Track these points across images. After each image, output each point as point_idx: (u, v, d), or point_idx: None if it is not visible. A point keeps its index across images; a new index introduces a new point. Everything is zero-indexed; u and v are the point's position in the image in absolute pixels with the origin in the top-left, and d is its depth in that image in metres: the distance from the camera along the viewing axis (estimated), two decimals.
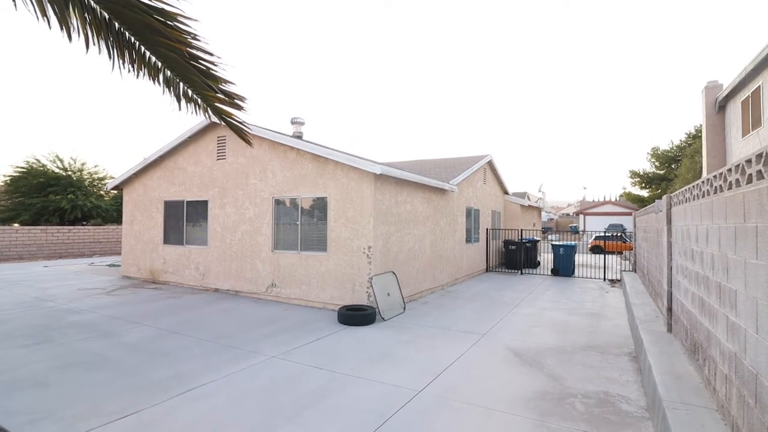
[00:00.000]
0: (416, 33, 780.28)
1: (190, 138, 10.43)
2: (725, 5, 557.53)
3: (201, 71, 2.32)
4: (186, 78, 2.37)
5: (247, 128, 2.99)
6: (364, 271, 7.81)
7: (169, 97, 2.51)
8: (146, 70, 2.34)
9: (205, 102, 2.57)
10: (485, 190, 14.96)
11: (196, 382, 4.48)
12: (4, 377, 4.56)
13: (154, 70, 2.37)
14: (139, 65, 2.31)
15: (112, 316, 7.37)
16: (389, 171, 7.96)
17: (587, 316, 7.83)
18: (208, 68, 2.32)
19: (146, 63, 2.32)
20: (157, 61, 2.34)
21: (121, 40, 2.16)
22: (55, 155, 23.08)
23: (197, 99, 2.58)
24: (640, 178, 37.05)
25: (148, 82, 2.44)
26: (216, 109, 2.57)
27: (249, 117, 2.91)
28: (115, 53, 2.19)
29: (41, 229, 18.24)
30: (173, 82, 2.46)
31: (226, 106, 2.53)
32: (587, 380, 4.64)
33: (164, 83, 2.45)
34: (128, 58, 2.25)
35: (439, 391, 4.30)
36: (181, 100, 2.56)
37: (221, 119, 2.77)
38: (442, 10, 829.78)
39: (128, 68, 2.30)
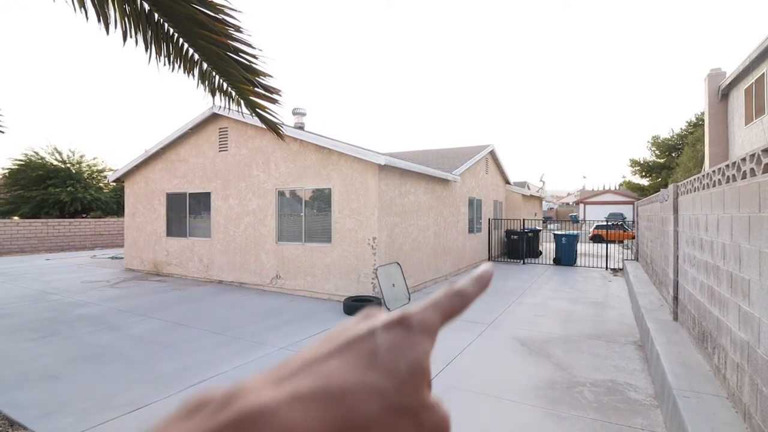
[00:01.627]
0: (418, 24, 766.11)
1: (191, 130, 10.36)
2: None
3: (242, 64, 2.26)
4: (224, 71, 2.32)
5: (281, 122, 2.90)
6: (368, 262, 7.82)
7: (203, 91, 2.46)
8: (182, 63, 2.28)
9: (240, 95, 2.51)
10: (487, 180, 14.92)
11: (205, 374, 4.50)
12: (14, 370, 4.58)
13: (190, 64, 2.32)
14: (175, 58, 2.25)
15: (117, 308, 7.39)
16: (393, 162, 7.93)
17: (591, 305, 7.87)
18: (250, 62, 2.26)
19: (183, 56, 2.27)
20: (195, 53, 2.28)
21: (159, 33, 2.10)
22: (54, 147, 22.95)
23: (232, 92, 2.52)
24: (641, 166, 36.96)
25: (179, 75, 2.38)
26: (251, 102, 2.52)
27: (280, 110, 2.83)
28: (153, 46, 2.13)
29: (42, 222, 18.20)
30: (209, 75, 2.41)
31: (261, 100, 2.47)
32: (595, 369, 4.67)
33: (199, 77, 2.40)
34: (164, 51, 2.20)
35: (449, 380, 4.33)
36: (216, 94, 2.51)
37: (254, 112, 2.70)
38: (443, 2, 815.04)
39: (164, 61, 2.25)
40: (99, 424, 3.46)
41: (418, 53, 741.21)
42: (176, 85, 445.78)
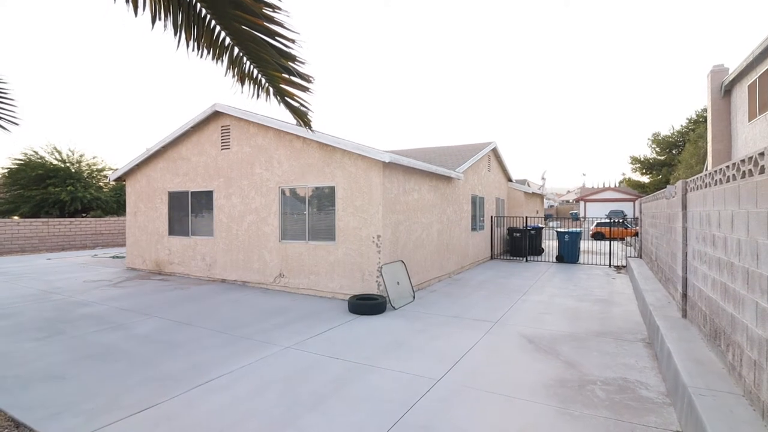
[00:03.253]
0: (419, 22, 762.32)
1: (193, 128, 10.29)
2: None
3: (277, 49, 2.17)
4: (256, 56, 2.23)
5: (311, 111, 2.75)
6: (373, 260, 7.78)
7: (231, 78, 2.38)
8: (212, 48, 2.20)
9: (270, 83, 2.43)
10: (489, 178, 14.88)
11: (213, 373, 4.46)
12: (20, 371, 4.54)
13: (221, 49, 2.23)
14: (205, 42, 2.17)
15: (121, 307, 7.34)
16: (398, 159, 7.88)
17: (597, 302, 7.83)
18: (287, 46, 2.17)
19: (213, 40, 2.19)
20: (227, 37, 2.19)
21: (190, 14, 2.03)
22: (53, 147, 22.86)
23: (261, 79, 2.44)
24: (641, 163, 36.96)
25: (206, 61, 2.27)
26: (280, 90, 2.44)
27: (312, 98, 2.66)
28: (183, 31, 2.05)
29: (43, 222, 18.14)
30: (238, 61, 2.32)
31: (292, 87, 2.39)
32: (604, 367, 4.64)
33: (228, 63, 2.31)
34: (195, 35, 2.12)
35: (459, 379, 4.29)
36: (245, 82, 2.43)
37: (282, 101, 2.58)
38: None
39: (193, 46, 2.16)
40: (108, 424, 3.42)
41: (419, 51, 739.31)
42: (178, 84, 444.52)
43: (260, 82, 2.48)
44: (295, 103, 2.55)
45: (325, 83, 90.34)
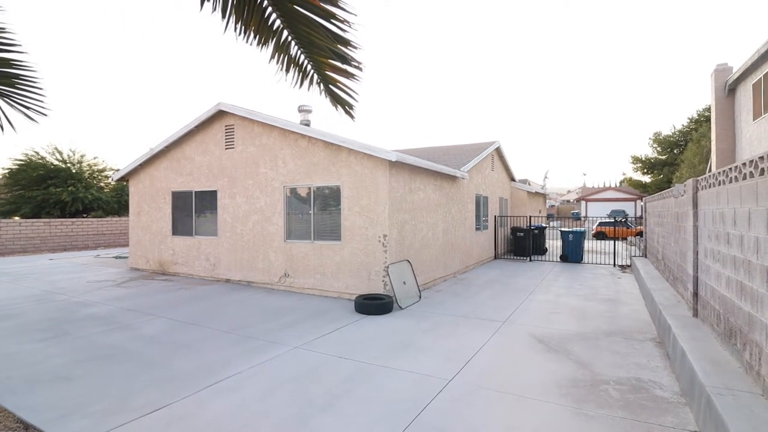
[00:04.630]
0: (421, 21, 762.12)
1: (197, 127, 10.26)
2: None
3: (331, 32, 2.10)
4: (307, 41, 2.15)
5: (356, 101, 2.59)
6: (379, 259, 7.74)
7: (276, 64, 2.31)
8: (260, 32, 2.13)
9: (316, 70, 2.35)
10: (493, 177, 14.84)
11: (222, 374, 4.42)
12: (26, 372, 4.50)
13: (268, 33, 2.16)
14: (254, 26, 2.09)
15: (126, 308, 7.30)
16: (404, 158, 7.84)
17: (604, 301, 7.79)
18: (343, 29, 2.10)
19: (262, 23, 2.12)
20: (278, 20, 2.12)
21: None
22: (54, 147, 22.83)
23: (306, 66, 2.37)
24: (642, 163, 36.92)
25: (251, 47, 2.17)
26: (325, 77, 2.36)
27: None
28: (233, 13, 1.98)
29: (44, 222, 18.10)
30: (285, 46, 2.25)
31: (338, 75, 2.31)
32: (616, 366, 4.60)
33: (275, 48, 2.24)
34: (244, 18, 2.05)
35: (470, 379, 4.25)
36: (290, 69, 2.36)
37: (326, 89, 2.45)
38: None
39: (240, 30, 2.10)
40: (118, 426, 3.37)
41: (421, 51, 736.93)
42: (181, 83, 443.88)
43: (305, 70, 2.40)
44: (338, 91, 2.46)
45: None
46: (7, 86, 2.21)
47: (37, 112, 2.33)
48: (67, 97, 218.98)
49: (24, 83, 2.24)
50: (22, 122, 2.41)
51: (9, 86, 2.22)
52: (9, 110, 2.34)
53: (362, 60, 2.28)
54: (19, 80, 2.21)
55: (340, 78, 2.39)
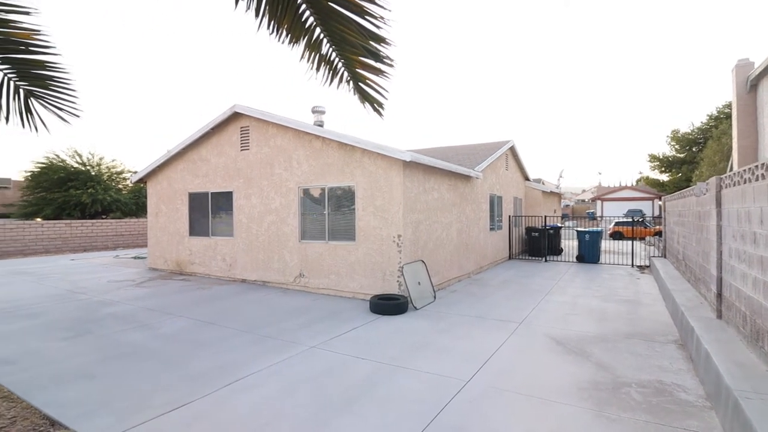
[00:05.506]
0: (432, 20, 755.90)
1: (213, 129, 10.39)
2: None
3: (364, 29, 2.10)
4: (339, 38, 2.15)
5: (386, 99, 2.57)
6: (394, 259, 7.73)
7: (306, 63, 2.32)
8: (292, 30, 2.14)
9: (347, 67, 2.36)
10: (507, 177, 14.72)
11: (241, 372, 4.46)
12: (51, 369, 4.60)
13: (300, 30, 2.17)
14: (287, 24, 2.10)
15: (145, 307, 7.43)
16: (418, 158, 7.83)
17: (623, 302, 7.66)
18: (376, 26, 2.11)
19: (295, 21, 2.13)
20: (311, 17, 2.12)
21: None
22: (74, 150, 23.37)
23: (337, 64, 2.38)
24: (660, 161, 36.19)
25: (283, 46, 2.18)
26: (356, 75, 2.37)
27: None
28: (266, 11, 2.00)
29: (66, 223, 18.53)
30: (317, 44, 2.26)
31: (368, 72, 2.31)
32: (638, 369, 4.52)
33: (306, 46, 2.25)
34: (277, 16, 2.07)
35: (488, 380, 4.22)
36: (320, 67, 2.37)
37: (356, 87, 2.43)
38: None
39: (273, 28, 2.12)
40: (141, 423, 3.43)
41: (433, 51, 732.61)
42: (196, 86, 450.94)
43: (335, 68, 2.40)
44: (368, 89, 2.46)
45: None
46: (42, 88, 2.27)
47: (69, 113, 2.39)
48: (85, 99, 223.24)
49: (57, 85, 2.29)
50: (52, 124, 2.47)
51: (43, 88, 2.28)
52: (42, 111, 2.41)
53: (394, 57, 2.27)
54: (53, 82, 2.27)
55: (369, 75, 2.38)
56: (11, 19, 1.97)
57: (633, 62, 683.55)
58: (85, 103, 2.35)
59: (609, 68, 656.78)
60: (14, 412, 3.63)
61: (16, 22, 2.00)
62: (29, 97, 2.34)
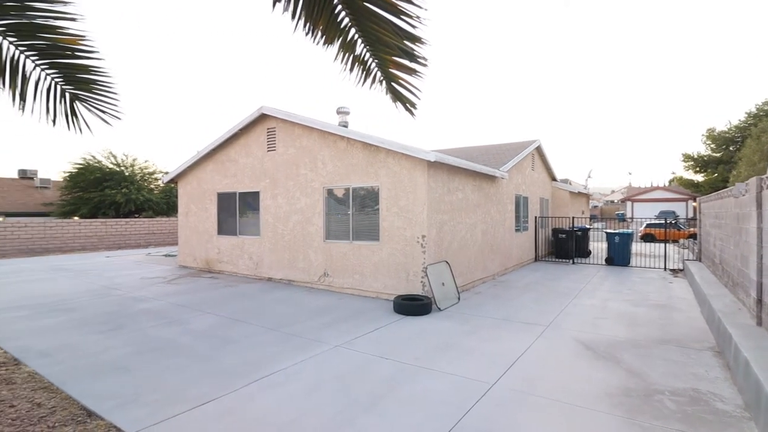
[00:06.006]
0: (456, 17, 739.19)
1: (241, 130, 10.63)
2: None
3: (399, 29, 2.12)
4: (374, 38, 2.19)
5: (419, 98, 2.59)
6: (418, 260, 7.72)
7: (340, 63, 2.37)
8: (327, 31, 2.19)
9: (380, 67, 2.39)
10: (534, 177, 14.47)
11: (268, 369, 4.55)
12: (89, 362, 4.81)
13: (335, 31, 2.22)
14: (322, 25, 2.15)
15: (176, 303, 7.66)
16: (443, 158, 7.79)
17: (655, 307, 7.41)
18: (412, 25, 2.13)
19: (330, 22, 2.17)
20: (345, 18, 2.16)
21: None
22: (109, 152, 24.34)
23: (370, 64, 2.41)
24: (694, 161, 34.80)
25: (317, 46, 2.24)
26: (388, 75, 2.40)
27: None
28: (302, 13, 2.05)
29: (101, 222, 19.31)
30: (351, 45, 2.31)
31: (401, 72, 2.34)
32: (672, 376, 4.36)
33: (340, 47, 2.30)
34: (313, 17, 2.12)
35: (514, 384, 4.16)
36: (354, 67, 2.41)
37: (388, 86, 2.45)
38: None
39: (309, 29, 2.17)
40: (173, 416, 3.54)
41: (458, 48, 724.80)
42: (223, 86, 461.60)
43: (368, 68, 2.43)
44: (400, 88, 2.47)
45: None
46: (85, 91, 2.39)
47: (111, 115, 2.50)
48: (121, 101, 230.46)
49: (100, 88, 2.41)
50: (93, 125, 2.59)
51: (87, 91, 2.40)
52: (86, 113, 2.53)
53: (427, 56, 2.27)
54: (96, 85, 2.39)
55: (402, 75, 2.39)
56: (59, 25, 2.08)
57: (666, 58, 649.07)
58: (122, 105, 2.42)
59: (641, 65, 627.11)
60: (54, 402, 3.81)
61: (63, 29, 2.11)
62: (74, 100, 2.46)
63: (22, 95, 2.27)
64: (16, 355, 5.00)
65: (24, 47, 2.15)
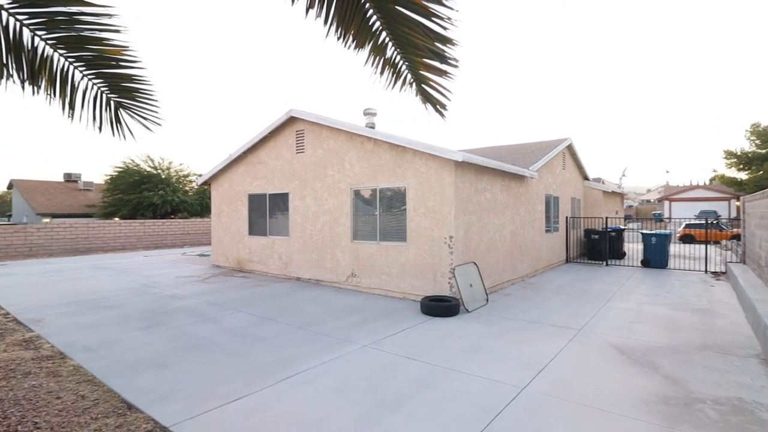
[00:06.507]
0: (483, 13, 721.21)
1: (270, 133, 10.87)
2: None
3: (431, 31, 2.16)
4: (405, 41, 2.22)
5: (449, 100, 2.62)
6: (445, 261, 7.67)
7: (371, 66, 2.42)
8: (358, 35, 2.24)
9: (410, 69, 2.43)
10: (564, 176, 14.11)
11: (297, 367, 4.63)
12: (129, 357, 5.03)
13: (365, 35, 2.25)
14: (353, 30, 2.20)
15: (210, 302, 7.91)
16: (471, 158, 7.72)
17: (696, 312, 7.09)
18: (443, 27, 2.16)
19: (361, 26, 2.21)
20: (377, 21, 2.22)
21: None
22: (147, 155, 25.39)
23: (401, 67, 2.46)
24: (737, 158, 33.00)
25: (348, 51, 2.30)
26: (419, 77, 2.44)
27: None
28: (335, 18, 2.11)
29: (140, 222, 20.15)
30: (382, 48, 2.36)
31: (431, 73, 2.37)
32: (714, 384, 4.17)
33: (371, 50, 2.35)
34: (345, 22, 2.16)
35: (545, 388, 4.08)
36: (384, 70, 2.47)
37: (419, 89, 2.46)
38: None
39: (340, 34, 2.23)
40: (207, 411, 3.67)
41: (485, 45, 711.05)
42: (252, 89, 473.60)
43: (399, 70, 2.46)
44: (430, 90, 2.50)
45: None
46: (129, 99, 2.54)
47: (152, 122, 2.64)
48: None
49: (143, 96, 2.55)
50: (135, 130, 2.73)
51: (130, 99, 2.54)
52: (129, 120, 2.68)
53: (458, 57, 2.27)
54: (139, 93, 2.52)
55: (433, 77, 2.40)
56: (104, 37, 2.21)
57: (708, 50, 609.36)
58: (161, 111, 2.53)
59: (678, 58, 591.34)
60: (97, 395, 4.01)
61: (109, 40, 2.24)
62: (119, 108, 2.61)
63: (71, 104, 2.42)
64: (63, 349, 5.28)
65: (73, 59, 2.30)
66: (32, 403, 3.80)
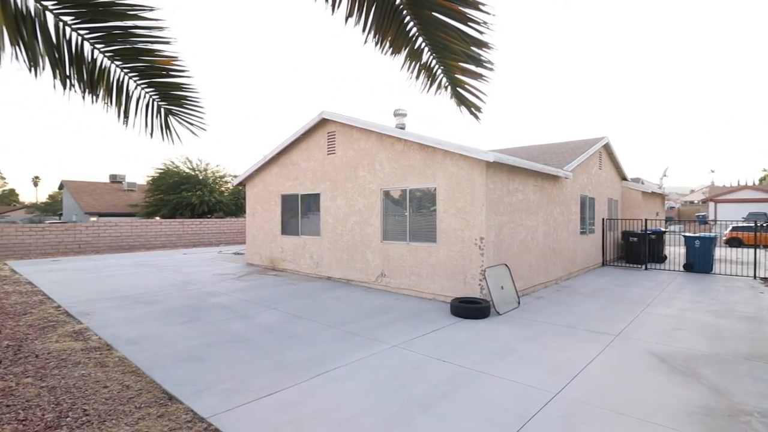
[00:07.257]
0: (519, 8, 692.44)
1: (303, 135, 11.10)
2: None
3: (467, 36, 2.19)
4: (441, 45, 2.27)
5: (484, 102, 2.63)
6: (476, 262, 7.61)
7: (407, 71, 2.49)
8: (395, 41, 2.30)
9: (445, 73, 2.49)
10: (601, 177, 13.67)
11: (329, 365, 4.73)
12: (170, 350, 5.27)
13: (401, 41, 2.34)
14: (390, 36, 2.26)
15: (244, 299, 8.17)
16: (502, 158, 7.62)
17: (743, 319, 6.73)
18: (479, 31, 2.16)
19: (398, 32, 2.28)
20: (413, 27, 2.29)
21: (384, 7, 2.15)
22: (186, 157, 26.43)
23: (436, 71, 2.52)
24: None
25: (385, 56, 2.37)
26: (454, 81, 2.49)
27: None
28: (373, 25, 2.19)
29: (179, 222, 21.01)
30: (418, 53, 2.40)
31: (466, 77, 2.42)
32: (761, 396, 3.96)
33: (407, 55, 2.41)
34: (383, 29, 2.24)
35: (579, 395, 3.99)
36: (420, 75, 2.54)
37: (454, 92, 2.54)
38: None
39: (377, 40, 2.29)
40: (242, 404, 3.80)
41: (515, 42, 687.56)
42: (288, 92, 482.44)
43: (434, 74, 2.51)
44: (465, 93, 2.53)
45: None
46: (177, 106, 2.71)
47: (198, 127, 2.80)
48: None
49: (190, 103, 2.72)
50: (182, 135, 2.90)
51: (178, 106, 2.71)
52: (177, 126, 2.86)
53: (494, 60, 2.29)
54: (186, 101, 2.69)
55: (468, 80, 2.42)
56: (156, 48, 2.38)
57: (752, 43, 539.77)
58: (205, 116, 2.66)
59: (723, 50, 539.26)
60: (140, 385, 4.23)
61: (160, 51, 2.41)
62: (168, 115, 2.79)
63: (125, 112, 2.60)
64: (109, 341, 5.60)
65: (128, 69, 2.48)
66: (81, 392, 4.05)
